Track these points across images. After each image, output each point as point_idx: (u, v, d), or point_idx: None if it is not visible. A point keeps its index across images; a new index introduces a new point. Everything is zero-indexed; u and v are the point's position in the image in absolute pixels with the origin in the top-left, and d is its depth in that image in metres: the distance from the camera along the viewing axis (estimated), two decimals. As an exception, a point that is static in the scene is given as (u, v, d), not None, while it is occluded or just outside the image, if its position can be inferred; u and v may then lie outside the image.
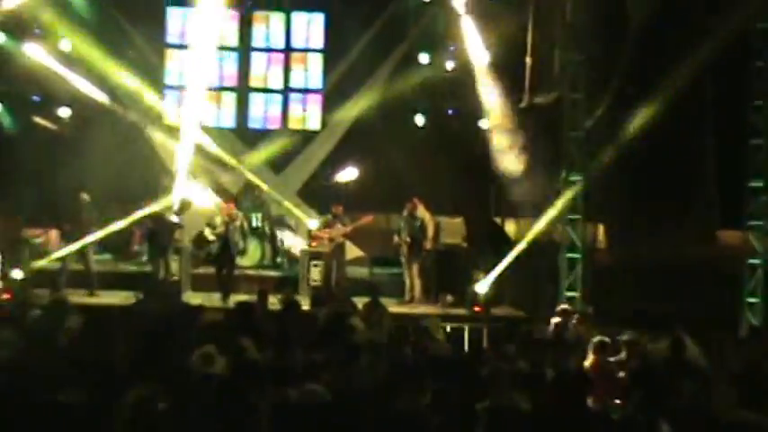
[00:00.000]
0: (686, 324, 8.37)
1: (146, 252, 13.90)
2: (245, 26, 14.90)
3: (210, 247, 13.46)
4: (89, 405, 4.97)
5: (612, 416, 5.70)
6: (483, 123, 14.54)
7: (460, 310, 12.61)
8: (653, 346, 8.23)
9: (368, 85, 14.95)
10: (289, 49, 14.94)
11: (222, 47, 14.57)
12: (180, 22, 14.63)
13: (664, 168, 13.91)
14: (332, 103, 15.00)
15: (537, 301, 12.67)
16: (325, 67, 14.91)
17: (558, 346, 8.76)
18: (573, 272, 12.95)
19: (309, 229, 14.19)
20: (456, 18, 13.86)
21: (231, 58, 14.90)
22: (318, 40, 14.87)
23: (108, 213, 13.36)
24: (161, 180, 14.39)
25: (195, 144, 13.57)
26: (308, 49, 14.93)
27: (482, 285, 12.54)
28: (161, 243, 12.92)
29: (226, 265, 12.93)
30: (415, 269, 13.17)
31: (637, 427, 5.26)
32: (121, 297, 11.92)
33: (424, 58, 14.82)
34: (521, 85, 13.63)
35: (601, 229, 15.27)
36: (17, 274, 12.20)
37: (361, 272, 14.32)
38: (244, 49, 14.97)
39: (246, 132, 15.25)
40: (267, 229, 14.78)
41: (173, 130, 14.29)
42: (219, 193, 14.92)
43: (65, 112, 14.76)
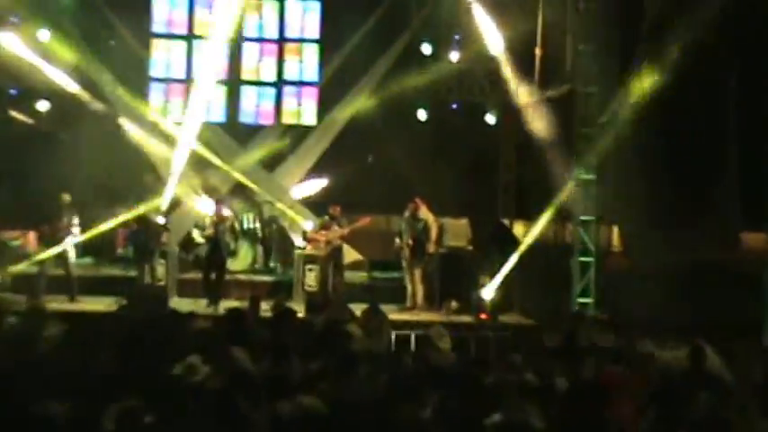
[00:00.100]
0: (707, 332, 8.41)
1: (130, 255, 13.95)
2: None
3: (199, 249, 13.51)
4: (71, 419, 5.00)
5: None
6: (489, 118, 14.57)
7: (466, 318, 12.65)
8: (671, 356, 8.26)
9: (367, 77, 14.98)
10: (282, 40, 14.92)
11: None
12: (166, 9, 14.64)
13: (683, 167, 13.95)
14: (328, 97, 15.00)
15: (547, 308, 12.71)
16: (322, 59, 14.89)
17: (571, 354, 8.79)
18: (585, 276, 13.00)
19: (305, 231, 14.23)
20: (463, 5, 13.91)
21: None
22: (314, 30, 14.86)
23: (90, 214, 13.40)
24: (145, 179, 14.43)
25: (191, 142, 13.62)
26: (303, 39, 14.92)
27: (488, 291, 12.57)
28: (146, 246, 12.97)
29: (215, 269, 12.96)
30: (418, 274, 13.20)
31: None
32: (104, 303, 11.93)
33: (427, 48, 14.87)
34: (530, 78, 13.68)
35: (615, 231, 15.32)
36: (-8, 278, 12.29)
37: (359, 276, 14.37)
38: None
39: (237, 128, 15.26)
40: (259, 231, 14.83)
41: (157, 126, 14.32)
42: (208, 193, 14.95)
43: (43, 106, 14.80)
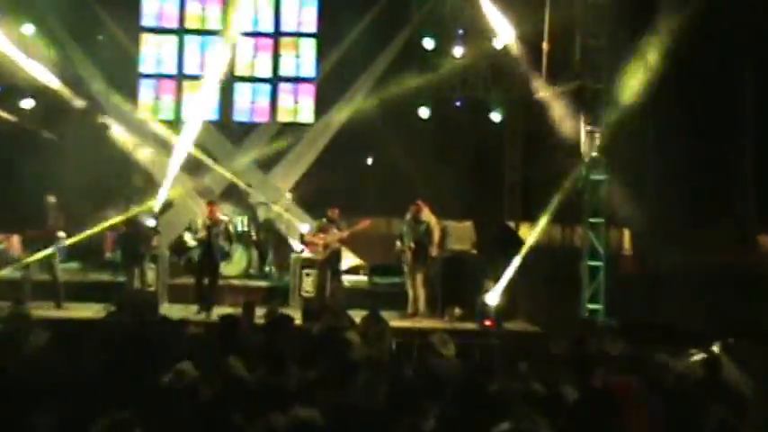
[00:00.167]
0: (723, 338, 8.39)
1: (119, 260, 13.95)
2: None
3: (191, 253, 13.50)
4: (58, 430, 4.99)
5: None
6: (494, 115, 14.57)
7: (469, 325, 12.64)
8: (684, 365, 8.24)
9: (366, 73, 15.00)
10: (278, 34, 14.97)
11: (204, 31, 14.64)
12: (157, 2, 14.68)
13: (698, 168, 13.96)
14: (326, 94, 15.02)
15: (554, 315, 12.70)
16: (319, 54, 14.94)
17: (579, 362, 8.78)
18: (595, 281, 12.99)
19: (302, 234, 14.23)
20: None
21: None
22: (311, 24, 14.90)
23: (76, 216, 13.39)
24: (134, 179, 14.43)
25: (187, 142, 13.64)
26: (299, 34, 14.96)
27: (493, 296, 12.57)
28: (136, 250, 12.95)
29: (208, 273, 12.95)
30: (419, 279, 13.18)
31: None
32: (92, 310, 11.96)
33: (429, 43, 14.88)
34: (537, 74, 13.69)
35: (626, 233, 15.32)
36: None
37: (358, 282, 14.37)
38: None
39: (231, 126, 15.28)
40: (254, 235, 14.82)
41: (145, 126, 14.33)
42: (201, 195, 14.96)
43: (27, 104, 14.81)
